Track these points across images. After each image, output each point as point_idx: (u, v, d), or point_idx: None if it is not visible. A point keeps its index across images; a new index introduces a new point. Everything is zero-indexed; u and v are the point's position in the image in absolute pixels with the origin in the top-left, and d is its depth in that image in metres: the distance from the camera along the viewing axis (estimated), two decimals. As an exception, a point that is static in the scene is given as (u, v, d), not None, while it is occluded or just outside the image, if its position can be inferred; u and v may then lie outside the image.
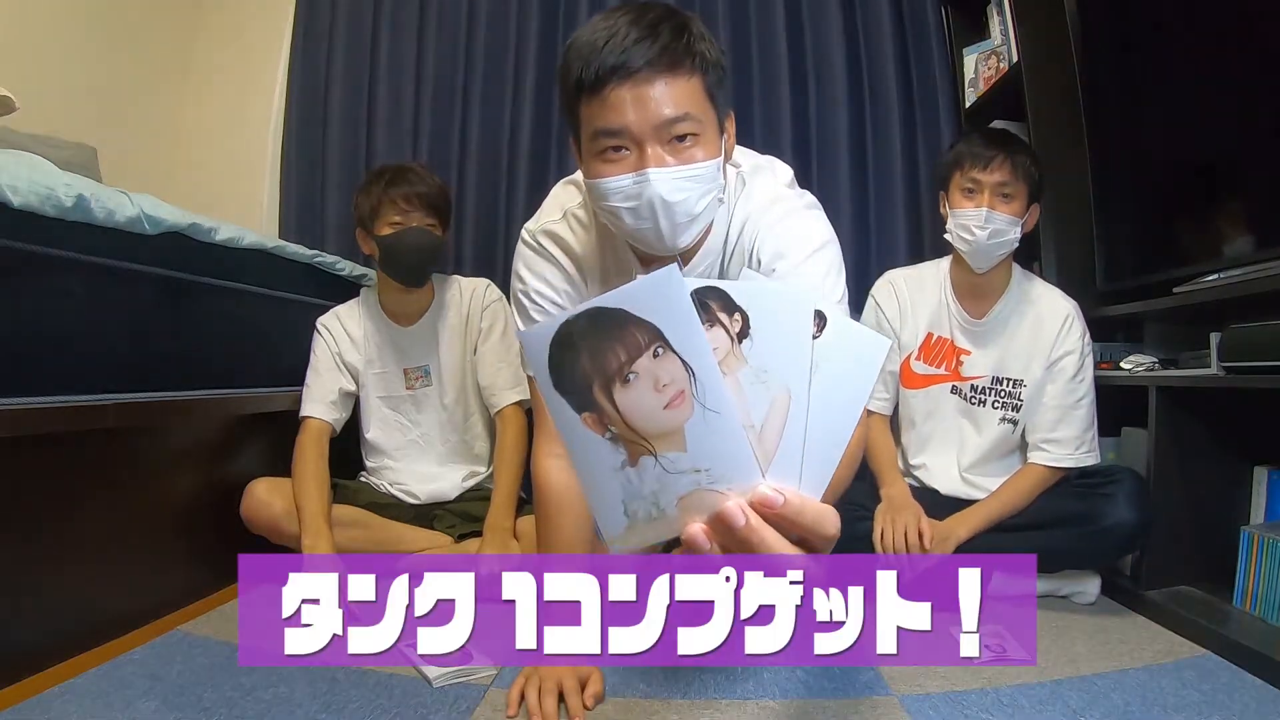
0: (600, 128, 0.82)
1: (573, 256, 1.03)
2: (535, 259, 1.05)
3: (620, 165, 0.83)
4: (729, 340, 0.44)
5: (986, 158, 1.38)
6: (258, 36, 2.31)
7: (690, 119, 0.82)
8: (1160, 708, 0.95)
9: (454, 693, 0.99)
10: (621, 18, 0.80)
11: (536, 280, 1.04)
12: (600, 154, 0.84)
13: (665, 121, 0.81)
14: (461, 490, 1.59)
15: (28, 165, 1.05)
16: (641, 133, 0.81)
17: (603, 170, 0.84)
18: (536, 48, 2.08)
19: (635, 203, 0.84)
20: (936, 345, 1.52)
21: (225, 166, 2.27)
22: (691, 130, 0.83)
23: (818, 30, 2.04)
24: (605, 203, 0.86)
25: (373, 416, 1.59)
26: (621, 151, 0.83)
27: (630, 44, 0.79)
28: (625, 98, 0.80)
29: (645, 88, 0.80)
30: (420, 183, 1.48)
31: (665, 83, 0.80)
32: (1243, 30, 1.31)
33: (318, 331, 1.58)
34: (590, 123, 0.83)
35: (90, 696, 0.95)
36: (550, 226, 1.04)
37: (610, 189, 0.84)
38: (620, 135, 0.82)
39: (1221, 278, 1.29)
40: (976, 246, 1.40)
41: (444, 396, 1.58)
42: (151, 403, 1.21)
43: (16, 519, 0.98)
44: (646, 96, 0.80)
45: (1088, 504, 1.31)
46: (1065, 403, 1.41)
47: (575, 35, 0.84)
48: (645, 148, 0.82)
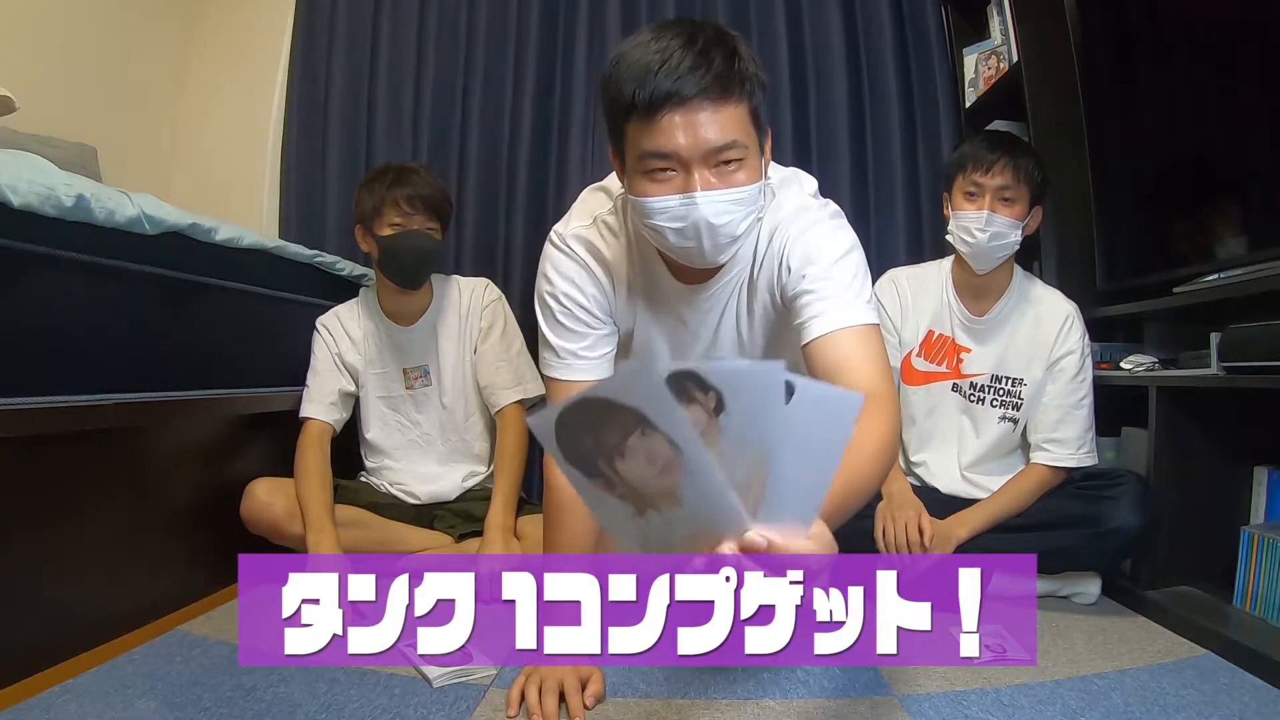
0: (649, 150, 0.84)
1: (602, 262, 1.05)
2: (565, 262, 1.05)
3: (667, 186, 0.86)
4: (706, 416, 0.49)
5: (989, 161, 1.38)
6: (258, 36, 2.31)
7: (737, 145, 0.85)
8: (1160, 708, 0.95)
9: (454, 693, 0.99)
10: (673, 40, 0.82)
11: (565, 283, 1.05)
12: (647, 173, 0.87)
13: (714, 149, 0.84)
14: (461, 490, 1.59)
15: (28, 165, 1.05)
16: (690, 157, 0.84)
17: (649, 189, 0.87)
18: (536, 48, 2.08)
19: (682, 223, 0.87)
20: (937, 343, 1.53)
21: (225, 166, 2.27)
22: (737, 155, 0.85)
23: (818, 30, 2.04)
24: (650, 220, 0.89)
25: (372, 416, 1.59)
26: (668, 173, 0.86)
27: (684, 71, 0.81)
28: (676, 123, 0.82)
29: (696, 115, 0.82)
30: (423, 185, 1.48)
31: (715, 110, 0.83)
32: (1243, 30, 1.31)
33: (317, 332, 1.58)
34: (639, 143, 0.85)
35: (90, 696, 0.95)
36: (581, 232, 1.05)
37: (656, 208, 0.87)
38: (669, 158, 0.85)
39: (1221, 278, 1.29)
40: (977, 249, 1.41)
41: (443, 396, 1.58)
42: (151, 403, 1.21)
43: (16, 519, 0.98)
44: (697, 123, 0.82)
45: (1091, 506, 1.31)
46: (1067, 402, 1.41)
47: (624, 51, 0.85)
48: (692, 171, 0.85)
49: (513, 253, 2.07)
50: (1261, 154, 1.29)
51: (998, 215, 1.38)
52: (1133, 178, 1.61)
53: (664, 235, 0.89)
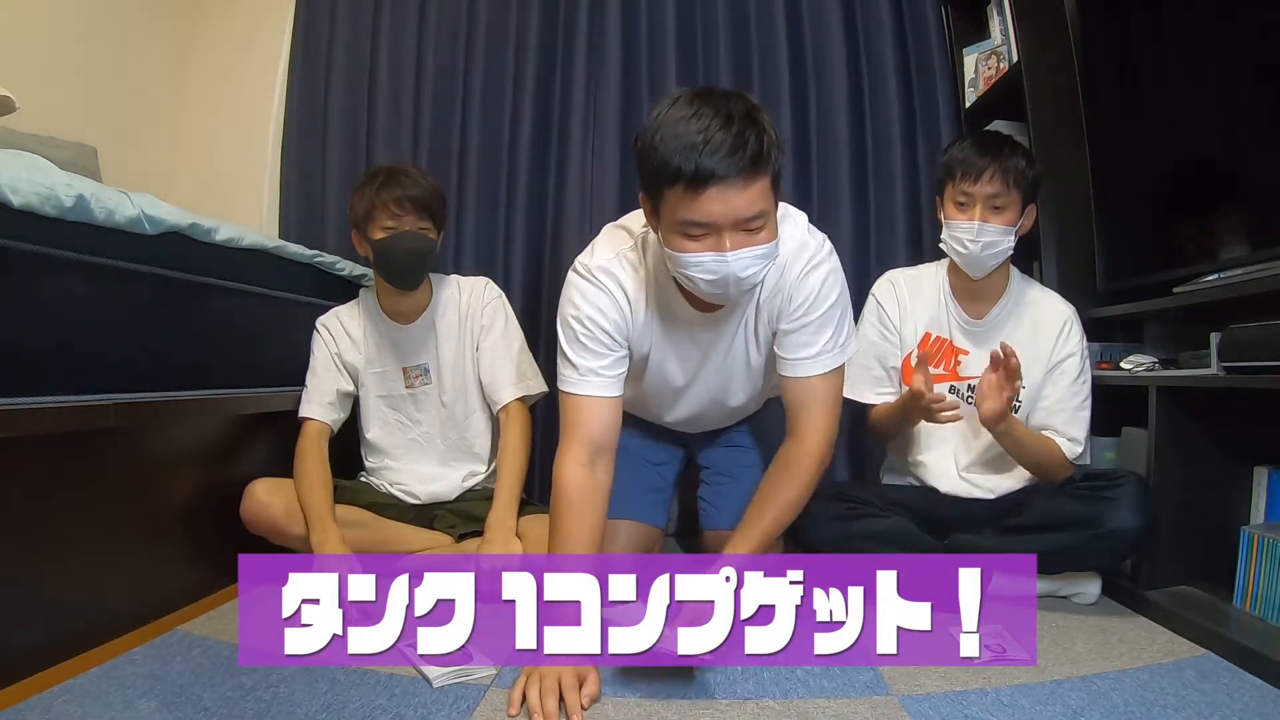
0: (690, 219, 1.00)
1: (624, 292, 1.18)
2: (591, 289, 1.17)
3: (701, 244, 1.02)
4: None
5: (978, 170, 1.38)
6: (258, 36, 2.31)
7: (762, 215, 1.01)
8: (1160, 708, 0.95)
9: (454, 692, 0.99)
10: (712, 120, 0.96)
11: (590, 308, 1.16)
12: (686, 234, 1.02)
13: (744, 220, 1.00)
14: (462, 490, 1.59)
15: (28, 165, 1.05)
16: (724, 225, 1.00)
17: (686, 246, 1.03)
18: (536, 48, 2.09)
19: (714, 276, 1.03)
20: (934, 345, 1.53)
21: (225, 166, 2.27)
22: (761, 222, 1.02)
23: (818, 30, 2.05)
24: (685, 271, 1.05)
25: (372, 416, 1.59)
26: (704, 235, 1.01)
27: (725, 153, 0.95)
28: (714, 197, 0.97)
29: (732, 192, 0.97)
30: (413, 185, 1.47)
31: (746, 186, 0.98)
32: (1243, 30, 1.31)
33: (317, 331, 1.58)
34: (679, 209, 1.00)
35: (90, 696, 0.95)
36: (605, 264, 1.18)
37: (692, 262, 1.03)
38: (706, 226, 1.00)
39: (1221, 278, 1.29)
40: (970, 258, 1.42)
41: (443, 395, 1.58)
42: (151, 403, 1.21)
43: (17, 519, 0.98)
44: (732, 198, 0.98)
45: (1091, 507, 1.30)
46: (1071, 404, 1.42)
47: (664, 120, 0.99)
48: (724, 235, 1.00)
49: (513, 253, 2.07)
50: (1262, 154, 1.29)
51: (989, 225, 1.39)
52: (1133, 178, 1.61)
53: (697, 284, 1.06)
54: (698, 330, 1.23)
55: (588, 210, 2.05)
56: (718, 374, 1.30)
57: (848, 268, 1.94)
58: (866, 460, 1.95)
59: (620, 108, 2.05)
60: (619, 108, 2.04)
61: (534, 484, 2.01)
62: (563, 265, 1.85)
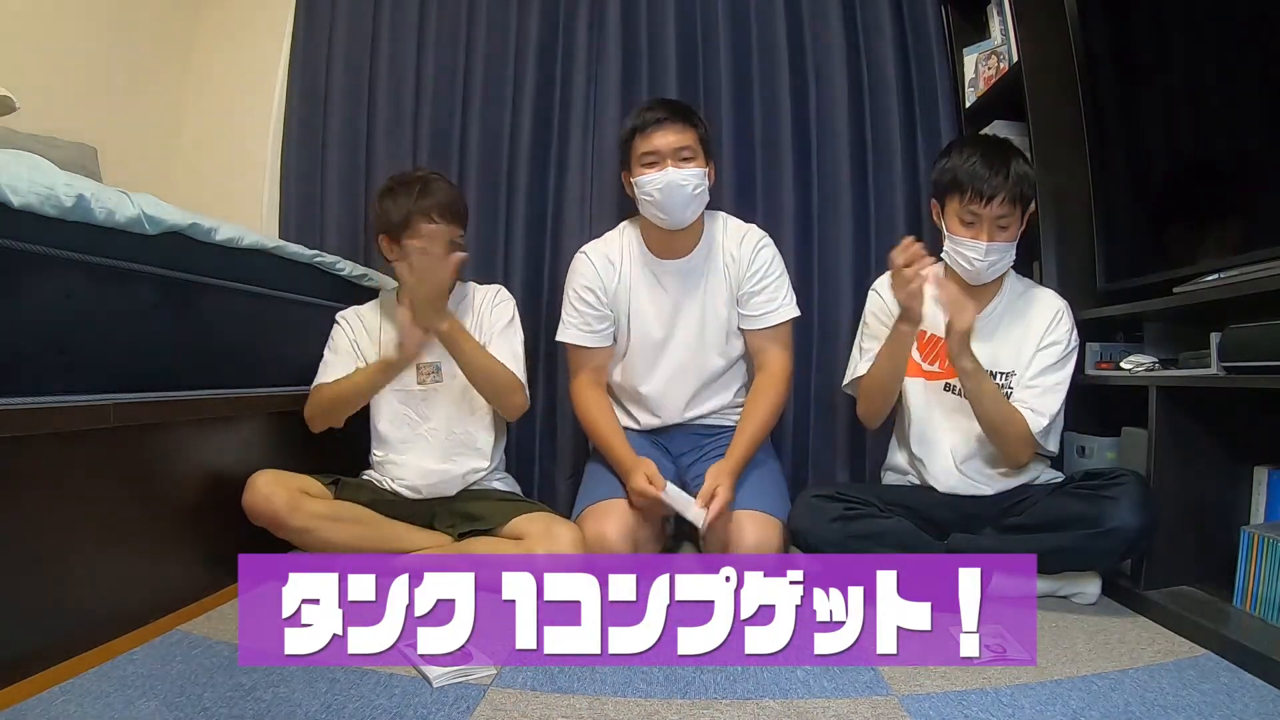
0: (645, 151, 1.55)
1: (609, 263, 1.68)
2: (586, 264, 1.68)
3: (655, 168, 1.55)
4: None
5: (989, 193, 1.38)
6: (258, 36, 2.31)
7: (689, 149, 1.55)
8: (1160, 708, 0.95)
9: (454, 692, 0.99)
10: (657, 101, 1.65)
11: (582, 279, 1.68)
12: (644, 165, 1.55)
13: (677, 148, 1.54)
14: (462, 487, 1.59)
15: (28, 165, 1.05)
16: (665, 153, 1.54)
17: (644, 173, 1.56)
18: (536, 48, 2.09)
19: (664, 184, 1.53)
20: (929, 343, 1.53)
21: (225, 166, 2.27)
22: (689, 155, 1.55)
23: (817, 30, 2.04)
24: (644, 190, 1.56)
25: (383, 408, 1.61)
26: (654, 159, 1.55)
27: (663, 113, 1.56)
28: (655, 136, 1.55)
29: (668, 128, 1.55)
30: (444, 193, 1.58)
31: (677, 127, 1.55)
32: (1243, 29, 1.31)
33: (337, 323, 1.65)
34: (639, 149, 1.56)
35: (90, 696, 0.95)
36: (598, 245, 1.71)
37: (648, 179, 1.55)
38: (655, 155, 1.54)
39: (1221, 278, 1.29)
40: (975, 275, 1.44)
41: (452, 392, 1.61)
42: (151, 403, 1.21)
43: (16, 519, 0.98)
44: (670, 134, 1.54)
45: (1091, 506, 1.30)
46: (1046, 382, 1.43)
47: (634, 113, 1.61)
48: (666, 160, 1.54)
49: (513, 252, 2.07)
50: (1262, 153, 1.29)
51: (996, 244, 1.41)
52: (1133, 177, 1.61)
53: (651, 197, 1.55)
54: (666, 277, 1.65)
55: (588, 210, 2.05)
56: (693, 328, 1.65)
57: (848, 268, 1.97)
58: (866, 461, 1.95)
59: (620, 108, 2.04)
60: (619, 108, 2.04)
61: (532, 486, 2.01)
62: (563, 265, 1.86)
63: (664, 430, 1.75)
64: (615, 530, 1.47)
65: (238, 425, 1.49)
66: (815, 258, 2.00)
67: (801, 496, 1.49)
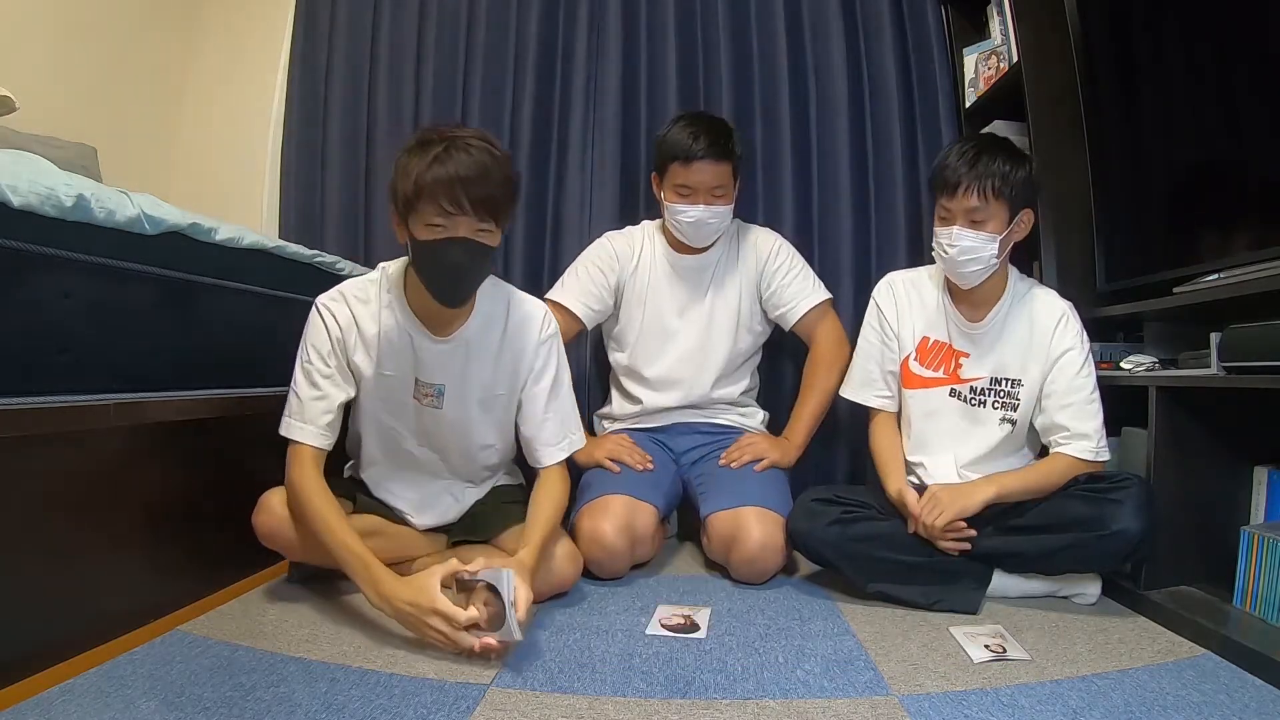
0: (682, 183, 1.63)
1: (627, 249, 1.80)
2: (606, 245, 1.81)
3: (688, 200, 1.64)
4: None
5: (952, 186, 1.38)
6: (258, 36, 2.31)
7: (723, 186, 1.65)
8: (1160, 708, 0.95)
9: (454, 692, 0.99)
10: (701, 126, 1.63)
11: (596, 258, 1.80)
12: (679, 194, 1.64)
13: (712, 187, 1.63)
14: (463, 512, 1.48)
15: (28, 165, 1.05)
16: (700, 191, 1.63)
17: (678, 201, 1.65)
18: (536, 48, 2.09)
19: (694, 219, 1.65)
20: (934, 349, 1.52)
21: (225, 166, 2.27)
22: (721, 192, 1.65)
23: (818, 30, 2.05)
24: (676, 218, 1.67)
25: (368, 424, 1.38)
26: (689, 193, 1.64)
27: (705, 146, 1.59)
28: (695, 169, 1.61)
29: (708, 166, 1.61)
30: (469, 164, 1.13)
31: (715, 165, 1.61)
32: (1243, 29, 1.31)
33: (320, 318, 1.29)
34: (676, 176, 1.64)
35: (90, 696, 0.95)
36: (618, 234, 1.85)
37: (680, 209, 1.65)
38: (690, 190, 1.63)
39: (1221, 278, 1.29)
40: (950, 264, 1.42)
41: (449, 424, 1.37)
42: (151, 403, 1.21)
43: (16, 519, 0.98)
44: (707, 171, 1.61)
45: (1094, 508, 1.30)
46: (1077, 398, 1.39)
47: (673, 127, 1.66)
48: (700, 195, 1.63)
49: (513, 252, 2.07)
50: (1262, 153, 1.29)
51: (965, 230, 1.38)
52: (1133, 178, 1.61)
53: (682, 224, 1.67)
54: (679, 268, 1.76)
55: (588, 210, 2.05)
56: (703, 318, 1.75)
57: (848, 268, 1.97)
58: (866, 462, 1.95)
59: (620, 107, 2.05)
60: (619, 107, 2.04)
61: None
62: (562, 265, 1.86)
63: (666, 429, 1.75)
64: (612, 526, 1.47)
65: (238, 425, 1.48)
66: (815, 257, 1.99)
67: (800, 499, 1.49)
